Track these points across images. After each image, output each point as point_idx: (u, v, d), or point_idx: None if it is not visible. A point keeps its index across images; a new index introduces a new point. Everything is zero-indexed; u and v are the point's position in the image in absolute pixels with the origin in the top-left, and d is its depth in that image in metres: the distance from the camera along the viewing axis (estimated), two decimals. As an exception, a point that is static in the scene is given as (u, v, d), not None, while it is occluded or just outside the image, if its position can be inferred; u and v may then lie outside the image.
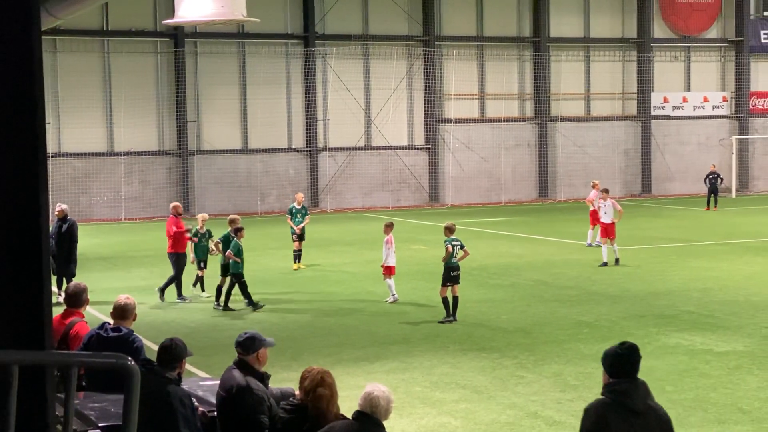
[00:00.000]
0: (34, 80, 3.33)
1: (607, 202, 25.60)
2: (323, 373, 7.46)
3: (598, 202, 26.90)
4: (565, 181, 48.80)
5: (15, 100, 3.31)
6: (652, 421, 6.26)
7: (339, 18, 45.13)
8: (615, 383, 6.36)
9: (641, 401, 6.29)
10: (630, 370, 6.40)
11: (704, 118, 51.40)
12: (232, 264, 19.70)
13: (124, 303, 9.20)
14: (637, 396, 6.29)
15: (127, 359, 2.90)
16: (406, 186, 46.52)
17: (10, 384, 2.92)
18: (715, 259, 25.63)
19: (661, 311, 18.56)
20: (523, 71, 48.54)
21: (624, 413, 6.21)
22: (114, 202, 41.65)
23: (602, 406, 6.29)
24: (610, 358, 6.49)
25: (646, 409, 6.27)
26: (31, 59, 3.32)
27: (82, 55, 41.45)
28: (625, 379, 6.36)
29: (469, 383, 13.53)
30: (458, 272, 18.18)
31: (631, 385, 6.32)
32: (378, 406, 6.85)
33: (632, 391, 6.29)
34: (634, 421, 6.20)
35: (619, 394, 6.29)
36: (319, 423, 7.22)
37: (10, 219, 3.26)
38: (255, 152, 43.98)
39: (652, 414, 6.30)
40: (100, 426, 7.22)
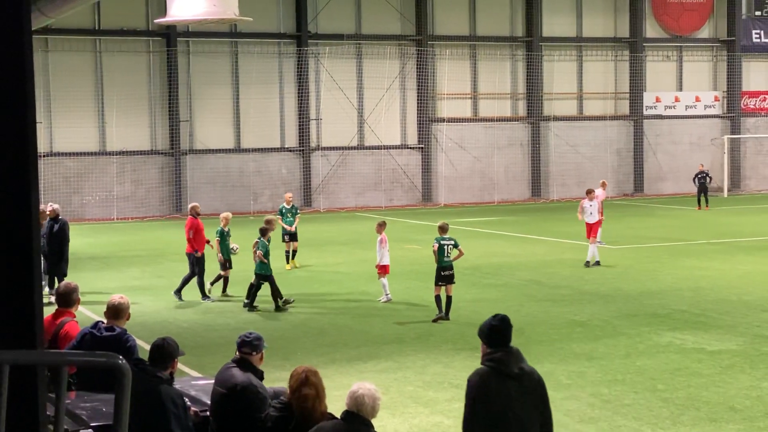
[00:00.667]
0: (24, 79, 3.32)
1: (593, 202, 25.60)
2: (308, 371, 7.41)
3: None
4: (558, 180, 48.85)
5: (5, 100, 3.29)
6: (526, 383, 7.03)
7: (332, 17, 45.12)
8: (492, 352, 7.07)
9: (516, 366, 7.03)
10: (504, 340, 7.11)
11: (696, 118, 51.50)
12: (258, 264, 19.54)
13: (117, 302, 9.19)
14: (512, 362, 7.03)
15: (119, 358, 2.89)
16: (399, 185, 46.53)
17: (1, 383, 2.91)
18: (708, 259, 25.67)
19: (653, 310, 18.59)
20: (515, 71, 48.59)
21: (502, 378, 6.96)
22: (106, 201, 41.58)
23: (483, 373, 7.04)
24: (486, 331, 7.16)
25: (521, 373, 7.03)
26: (21, 58, 3.31)
27: (74, 55, 41.37)
28: (501, 348, 7.07)
29: (462, 383, 13.44)
30: (451, 272, 18.15)
31: (506, 353, 7.05)
32: (363, 405, 6.83)
33: (507, 358, 7.02)
34: (511, 383, 6.97)
35: (497, 361, 7.01)
36: (305, 422, 7.19)
37: (1, 218, 3.25)
38: (247, 152, 43.95)
39: (526, 377, 7.06)
40: (92, 426, 7.20)
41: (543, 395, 7.14)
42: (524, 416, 6.96)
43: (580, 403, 12.37)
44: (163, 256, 28.48)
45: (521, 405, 6.96)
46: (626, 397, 12.57)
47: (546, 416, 7.13)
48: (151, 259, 27.95)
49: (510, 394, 6.93)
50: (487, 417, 6.90)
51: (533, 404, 7.04)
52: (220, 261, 21.29)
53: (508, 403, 6.92)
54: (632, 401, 12.40)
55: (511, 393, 6.93)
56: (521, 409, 6.95)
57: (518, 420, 6.93)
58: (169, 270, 25.57)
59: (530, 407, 7.01)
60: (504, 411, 6.91)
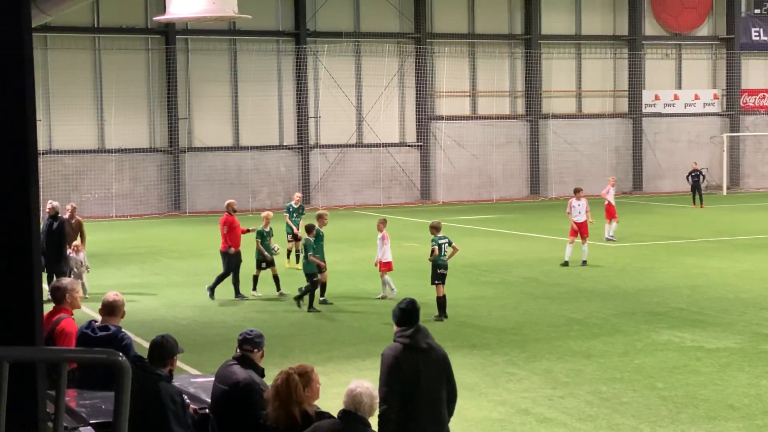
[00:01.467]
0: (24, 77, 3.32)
1: (581, 202, 25.39)
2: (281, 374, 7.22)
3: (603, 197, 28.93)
4: (556, 178, 48.85)
5: (5, 97, 3.30)
6: (433, 356, 8.08)
7: (330, 15, 45.09)
8: (402, 330, 8.12)
9: (423, 342, 8.08)
10: (413, 320, 8.17)
11: (695, 116, 51.49)
12: (306, 264, 19.31)
13: (112, 300, 9.17)
14: (420, 338, 8.08)
15: (119, 355, 2.90)
16: (397, 183, 46.52)
17: (1, 380, 2.92)
18: (706, 257, 25.69)
19: (651, 308, 18.60)
20: (514, 68, 48.58)
21: (411, 352, 7.98)
22: (105, 199, 41.56)
23: (394, 349, 8.04)
24: (397, 313, 8.23)
25: (428, 348, 8.08)
26: (21, 56, 3.31)
27: (73, 52, 41.34)
28: (409, 326, 8.11)
29: (460, 380, 13.41)
30: (445, 271, 18.07)
31: (415, 330, 8.08)
32: (361, 403, 6.79)
33: (416, 335, 8.07)
34: (419, 357, 7.98)
35: (407, 338, 8.05)
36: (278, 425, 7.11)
37: (1, 216, 3.26)
38: (246, 149, 43.93)
39: (433, 351, 8.11)
40: (91, 423, 7.20)
41: (447, 368, 8.18)
42: (431, 385, 7.95)
43: (579, 401, 12.38)
44: (161, 254, 28.48)
45: (429, 375, 7.96)
46: (624, 395, 12.58)
47: (451, 385, 8.18)
48: (150, 256, 27.95)
49: (419, 366, 7.92)
50: (400, 385, 7.82)
51: (439, 375, 8.06)
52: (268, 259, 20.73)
53: (418, 374, 7.90)
54: (631, 399, 12.41)
55: (420, 365, 7.93)
56: (429, 378, 7.94)
57: (426, 388, 7.90)
58: (168, 267, 25.59)
59: (437, 377, 8.03)
60: (414, 380, 7.87)
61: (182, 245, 30.58)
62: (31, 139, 3.32)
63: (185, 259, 27.28)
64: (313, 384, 7.28)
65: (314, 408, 7.30)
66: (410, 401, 7.79)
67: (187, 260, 26.92)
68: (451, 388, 8.19)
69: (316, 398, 7.40)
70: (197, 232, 34.64)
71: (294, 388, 7.10)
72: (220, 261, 26.98)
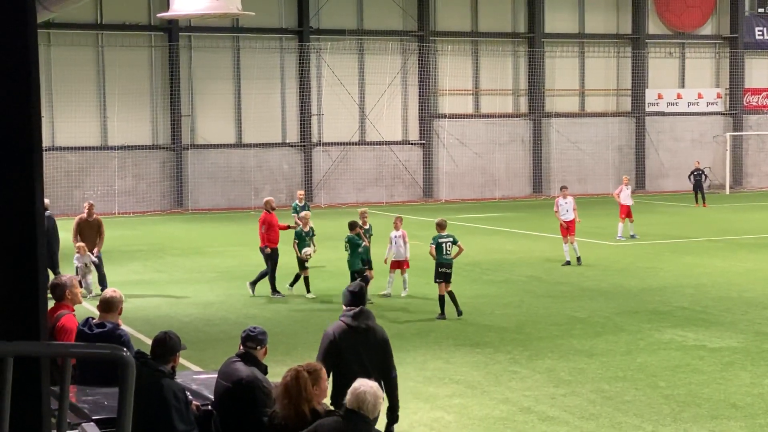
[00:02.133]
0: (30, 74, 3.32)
1: (567, 200, 25.22)
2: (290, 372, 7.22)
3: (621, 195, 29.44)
4: (559, 177, 48.78)
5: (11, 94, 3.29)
6: (371, 336, 8.86)
7: (334, 13, 45.08)
8: (347, 310, 8.93)
9: (363, 323, 8.85)
10: (358, 301, 8.97)
11: (698, 115, 51.45)
12: (353, 261, 19.09)
13: (109, 296, 9.15)
14: (361, 319, 8.85)
15: (123, 350, 2.89)
16: (400, 181, 46.51)
17: (5, 375, 2.91)
18: (709, 256, 25.67)
19: (654, 307, 18.59)
20: (517, 67, 48.55)
21: (351, 331, 8.80)
22: (107, 196, 41.57)
23: (337, 327, 8.91)
24: (346, 295, 9.06)
25: (367, 328, 8.86)
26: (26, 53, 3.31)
27: (76, 49, 41.35)
28: (354, 307, 8.92)
29: (463, 378, 13.55)
30: (449, 270, 18.05)
31: (358, 312, 8.88)
32: (365, 402, 6.74)
33: (358, 315, 8.86)
34: (358, 336, 8.79)
35: (350, 317, 8.88)
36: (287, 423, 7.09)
37: (6, 210, 3.25)
38: (249, 147, 43.94)
39: (371, 332, 8.89)
40: (94, 419, 7.20)
41: (386, 348, 8.99)
42: (367, 361, 8.76)
43: (581, 399, 12.38)
44: (164, 251, 28.50)
45: (366, 352, 8.78)
46: (627, 394, 12.57)
47: (386, 363, 8.96)
48: (152, 253, 27.97)
49: (357, 344, 8.77)
50: (338, 360, 8.66)
51: (376, 353, 8.87)
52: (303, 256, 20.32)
53: (356, 351, 8.74)
54: (633, 398, 12.40)
55: (358, 343, 8.78)
56: (366, 355, 8.77)
57: (363, 363, 8.68)
58: (170, 265, 25.60)
59: (374, 355, 8.84)
60: (351, 356, 8.72)
61: (185, 242, 30.60)
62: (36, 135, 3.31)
63: (188, 256, 27.29)
64: (322, 382, 7.27)
65: (323, 406, 7.30)
66: (346, 375, 8.27)
67: (190, 257, 26.93)
68: (387, 365, 9.00)
69: (325, 396, 7.39)
70: (200, 230, 34.66)
71: (304, 385, 7.10)
72: (220, 259, 27.02)
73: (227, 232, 33.48)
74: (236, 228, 35.06)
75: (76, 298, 9.98)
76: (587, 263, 24.44)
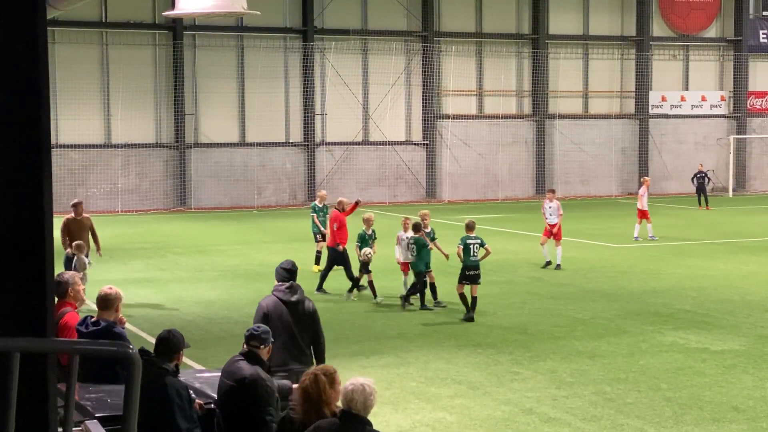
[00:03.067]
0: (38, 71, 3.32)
1: (553, 204, 24.91)
2: (308, 375, 7.26)
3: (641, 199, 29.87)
4: (562, 178, 48.82)
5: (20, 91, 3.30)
6: (300, 308, 10.14)
7: (338, 13, 45.10)
8: (279, 285, 10.24)
9: (293, 296, 10.12)
10: (288, 277, 10.27)
11: (702, 117, 51.42)
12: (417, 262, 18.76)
13: (104, 293, 9.11)
14: (290, 293, 10.14)
15: (129, 347, 2.90)
16: (403, 181, 46.52)
17: (11, 372, 2.92)
18: (711, 259, 25.65)
19: (656, 309, 18.58)
20: (521, 68, 48.54)
21: (281, 304, 10.09)
22: (111, 194, 41.61)
23: (270, 300, 10.17)
24: (279, 271, 10.38)
25: (296, 302, 10.14)
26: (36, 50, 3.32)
27: (80, 47, 41.39)
28: (285, 282, 10.20)
29: (465, 379, 13.55)
30: (476, 272, 17.88)
31: (288, 287, 10.17)
32: (353, 401, 6.71)
33: (288, 290, 10.14)
34: (287, 308, 10.05)
35: (281, 292, 10.15)
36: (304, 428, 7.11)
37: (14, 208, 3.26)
38: (252, 146, 43.96)
39: (300, 304, 10.15)
40: (97, 416, 7.21)
41: (314, 319, 10.21)
42: (296, 331, 10.01)
43: (583, 401, 12.38)
44: (166, 249, 28.51)
45: (295, 324, 10.02)
46: (629, 396, 12.57)
47: (315, 333, 10.21)
48: (155, 251, 27.98)
49: (287, 315, 10.00)
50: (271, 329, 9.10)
51: (305, 323, 10.11)
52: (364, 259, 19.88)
53: (286, 322, 9.97)
54: (635, 400, 12.40)
55: (287, 314, 10.01)
56: (295, 326, 10.01)
57: (292, 332, 10.00)
58: (173, 263, 25.61)
59: (302, 326, 10.09)
60: (281, 326, 9.87)
61: (187, 241, 30.61)
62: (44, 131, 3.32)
63: (190, 254, 27.30)
64: (337, 384, 7.25)
65: (338, 407, 7.31)
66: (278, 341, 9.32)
67: (192, 256, 26.94)
68: (316, 334, 10.22)
69: (338, 398, 7.39)
70: (202, 228, 34.68)
71: (323, 388, 7.12)
72: (223, 257, 27.02)
73: (230, 231, 33.49)
74: (239, 227, 35.07)
75: (79, 296, 9.98)
76: (589, 264, 24.42)
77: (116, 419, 6.93)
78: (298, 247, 28.62)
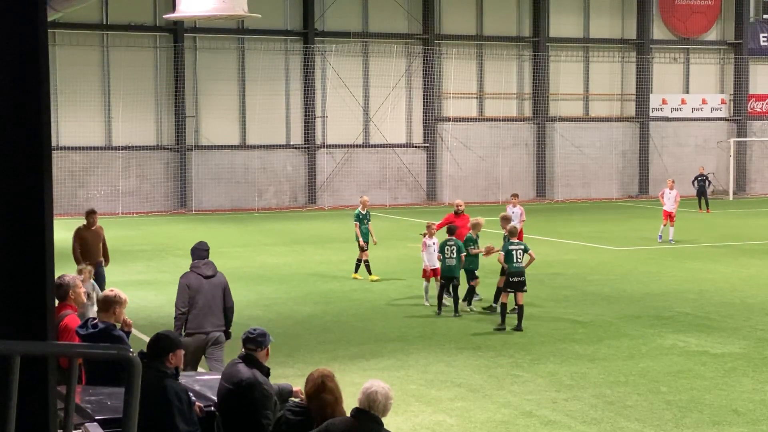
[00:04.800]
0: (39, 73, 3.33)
1: (516, 209, 24.70)
2: (325, 377, 7.33)
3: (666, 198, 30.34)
4: (563, 181, 48.83)
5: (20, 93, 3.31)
6: (214, 281, 11.91)
7: (339, 15, 45.13)
8: (197, 262, 12.04)
9: (208, 271, 11.94)
10: (206, 256, 12.15)
11: (702, 120, 51.44)
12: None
13: (104, 295, 9.19)
14: (205, 268, 11.96)
15: (129, 350, 2.91)
16: (403, 184, 46.53)
17: (12, 374, 2.93)
18: (712, 261, 25.66)
19: (657, 312, 18.58)
20: (522, 71, 48.56)
21: (198, 278, 11.89)
22: (111, 196, 41.63)
23: (189, 275, 12.00)
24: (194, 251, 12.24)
25: (211, 276, 11.93)
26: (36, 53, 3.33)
27: (81, 49, 41.42)
28: (200, 259, 12.06)
29: (465, 382, 13.55)
30: (521, 278, 17.23)
31: (204, 262, 12.01)
32: (376, 402, 6.79)
33: (204, 266, 11.98)
34: (203, 281, 11.84)
35: (197, 268, 12.01)
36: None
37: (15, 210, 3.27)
38: (253, 148, 43.98)
39: (214, 278, 11.94)
40: (97, 419, 7.22)
41: (226, 290, 11.97)
42: (211, 301, 11.80)
43: (583, 404, 12.38)
44: (167, 251, 28.51)
45: (211, 294, 11.80)
46: (629, 399, 12.57)
47: (227, 302, 11.98)
48: (156, 254, 27.99)
49: (203, 288, 11.80)
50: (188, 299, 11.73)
51: (218, 293, 11.87)
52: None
53: (202, 293, 11.77)
54: (635, 403, 12.40)
55: (204, 286, 11.81)
56: (211, 297, 11.80)
57: (208, 303, 11.79)
58: (174, 265, 25.59)
59: (217, 296, 11.85)
60: (198, 296, 11.75)
61: (188, 243, 30.33)
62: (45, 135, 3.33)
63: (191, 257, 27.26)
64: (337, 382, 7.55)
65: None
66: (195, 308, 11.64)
67: (193, 258, 26.91)
68: (227, 304, 12.01)
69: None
70: (203, 231, 34.66)
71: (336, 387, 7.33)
72: (223, 260, 27.01)
73: (231, 233, 33.49)
74: (240, 229, 35.08)
75: (79, 298, 10.01)
76: (590, 267, 24.42)
77: (116, 422, 6.94)
78: (299, 249, 28.65)
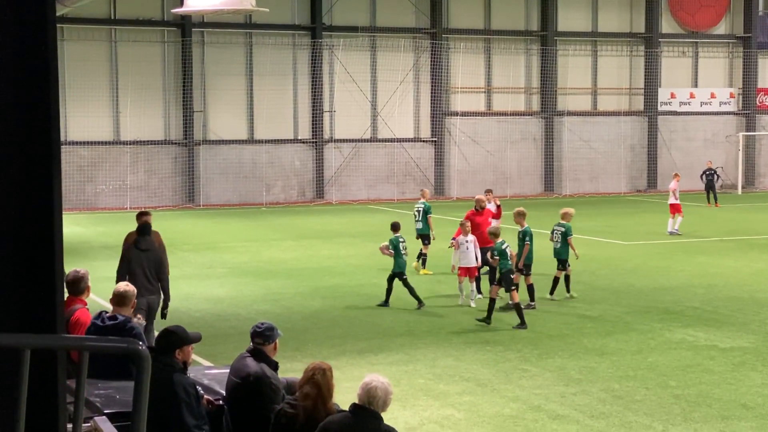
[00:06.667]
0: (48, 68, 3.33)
1: (491, 204, 24.53)
2: (316, 369, 7.27)
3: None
4: (571, 175, 48.76)
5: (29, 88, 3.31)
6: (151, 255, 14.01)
7: (346, 9, 45.09)
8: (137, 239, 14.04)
9: (145, 245, 13.99)
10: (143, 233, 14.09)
11: (711, 114, 51.30)
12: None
13: (123, 290, 9.22)
14: (144, 243, 14.00)
15: (138, 344, 2.91)
16: (411, 179, 46.51)
17: (21, 368, 2.93)
18: (720, 256, 25.61)
19: (665, 307, 18.56)
20: (530, 65, 48.48)
21: (137, 250, 13.95)
22: (119, 191, 41.70)
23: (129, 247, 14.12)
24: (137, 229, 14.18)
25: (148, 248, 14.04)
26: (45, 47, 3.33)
27: (89, 44, 41.47)
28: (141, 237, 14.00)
29: (473, 376, 13.55)
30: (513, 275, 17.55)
31: (142, 238, 14.03)
32: (375, 398, 6.73)
33: (142, 240, 14.01)
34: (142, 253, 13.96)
35: (136, 242, 14.02)
36: (307, 421, 7.13)
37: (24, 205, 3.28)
38: (260, 143, 44.00)
39: (150, 251, 13.99)
40: (106, 413, 7.24)
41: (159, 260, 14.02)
42: (147, 270, 13.86)
43: (591, 398, 12.37)
44: (175, 246, 28.50)
45: (147, 264, 13.89)
46: (637, 393, 12.56)
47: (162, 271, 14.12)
48: (164, 248, 27.99)
49: (141, 259, 13.89)
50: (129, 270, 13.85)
51: (154, 263, 13.97)
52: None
53: (140, 264, 13.86)
54: (643, 397, 12.39)
55: (142, 258, 13.90)
56: (147, 267, 13.89)
57: (144, 272, 13.83)
58: (182, 260, 25.64)
59: (153, 266, 13.96)
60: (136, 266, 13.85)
61: (196, 238, 30.66)
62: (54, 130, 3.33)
63: (199, 251, 27.35)
64: (333, 380, 7.42)
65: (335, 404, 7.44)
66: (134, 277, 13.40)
67: (201, 253, 26.99)
68: (163, 271, 14.12)
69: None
70: (211, 225, 34.73)
71: (329, 380, 7.31)
72: (231, 254, 27.04)
73: (238, 228, 33.54)
74: (247, 224, 35.11)
75: (88, 292, 10.03)
76: (597, 262, 24.39)
77: (125, 416, 6.95)
78: (307, 244, 28.66)
